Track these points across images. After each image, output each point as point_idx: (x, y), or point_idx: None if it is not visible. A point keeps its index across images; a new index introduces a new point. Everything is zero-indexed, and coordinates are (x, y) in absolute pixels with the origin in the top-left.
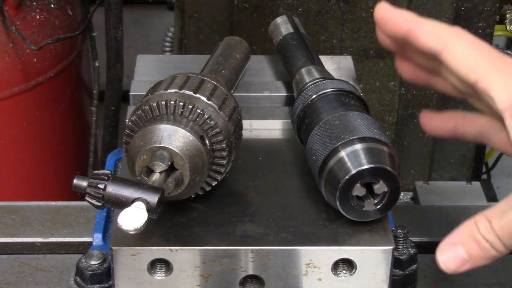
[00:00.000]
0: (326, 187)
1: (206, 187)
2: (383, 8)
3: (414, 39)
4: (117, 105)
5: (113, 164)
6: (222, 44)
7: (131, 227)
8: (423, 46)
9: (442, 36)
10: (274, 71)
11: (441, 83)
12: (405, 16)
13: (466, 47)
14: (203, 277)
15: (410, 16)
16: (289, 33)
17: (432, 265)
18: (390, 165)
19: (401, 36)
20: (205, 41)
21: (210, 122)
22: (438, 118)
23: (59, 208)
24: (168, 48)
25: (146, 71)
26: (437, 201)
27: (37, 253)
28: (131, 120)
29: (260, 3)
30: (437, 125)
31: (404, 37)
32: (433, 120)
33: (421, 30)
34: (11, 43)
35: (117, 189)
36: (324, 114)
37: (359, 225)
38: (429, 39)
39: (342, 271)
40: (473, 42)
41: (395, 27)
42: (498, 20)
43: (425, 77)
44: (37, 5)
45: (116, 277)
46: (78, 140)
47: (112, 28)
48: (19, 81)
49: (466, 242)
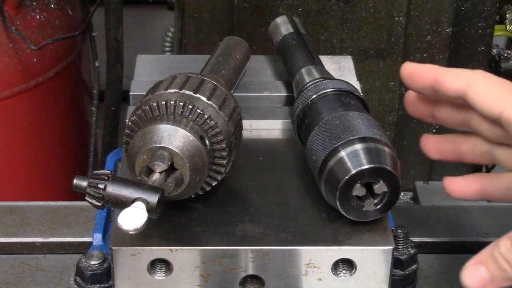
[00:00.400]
0: (326, 187)
1: (206, 187)
2: (409, 65)
3: (441, 85)
4: (117, 105)
5: (113, 164)
6: (222, 44)
7: (131, 227)
8: (450, 89)
9: (466, 77)
10: (274, 71)
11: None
12: (429, 67)
13: (489, 83)
14: (203, 277)
15: (434, 66)
16: (289, 33)
17: (432, 265)
18: (390, 165)
19: (428, 85)
20: (205, 41)
21: (210, 122)
22: (463, 181)
23: (59, 208)
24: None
25: (146, 71)
26: (437, 201)
27: (37, 253)
28: (131, 120)
29: (260, 3)
30: (463, 188)
31: (431, 86)
32: (458, 185)
33: (446, 75)
34: (11, 43)
35: (117, 189)
36: (324, 114)
37: (359, 225)
38: (454, 82)
39: (342, 271)
40: (495, 79)
41: (422, 78)
42: (498, 20)
43: (451, 150)
44: (37, 5)
45: (116, 277)
46: (78, 140)
47: (112, 28)
48: (19, 81)
49: (488, 262)
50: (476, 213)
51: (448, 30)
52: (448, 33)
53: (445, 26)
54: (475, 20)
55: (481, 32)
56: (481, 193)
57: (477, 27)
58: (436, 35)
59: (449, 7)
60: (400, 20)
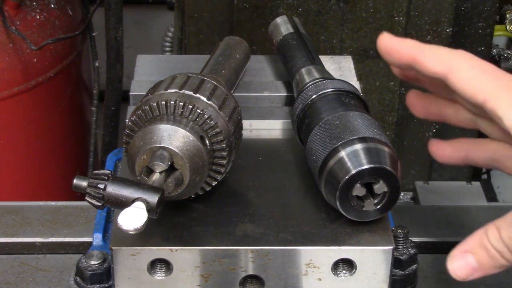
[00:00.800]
0: (326, 187)
1: (206, 187)
2: (385, 38)
3: (419, 66)
4: (117, 105)
5: (113, 164)
6: (222, 44)
7: (131, 227)
8: (429, 72)
9: (446, 60)
10: (274, 71)
11: (453, 115)
12: (408, 43)
13: (472, 69)
14: (203, 277)
15: (413, 43)
16: (289, 33)
17: (432, 265)
18: (390, 165)
19: (406, 64)
20: (205, 41)
21: (210, 122)
22: (448, 146)
23: (59, 208)
24: (168, 48)
25: (146, 71)
26: (437, 201)
27: (37, 253)
28: (131, 120)
29: (260, 3)
30: (448, 153)
31: (409, 64)
32: (443, 150)
33: (425, 56)
34: (11, 43)
35: (117, 189)
36: (324, 114)
37: (359, 225)
38: (434, 64)
39: (342, 271)
40: (478, 63)
41: (399, 55)
42: (498, 20)
43: (436, 112)
44: (37, 5)
45: (116, 277)
46: (78, 140)
47: (112, 28)
48: (19, 81)
49: (476, 250)
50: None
51: (448, 30)
52: (448, 33)
53: (445, 26)
54: (475, 20)
55: (481, 32)
56: (466, 159)
57: (477, 27)
58: (436, 35)
59: (449, 7)
60: (400, 20)
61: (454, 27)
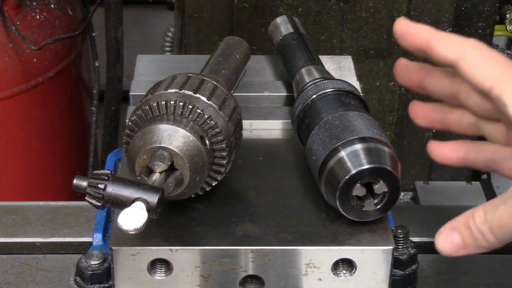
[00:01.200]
0: (326, 187)
1: (206, 187)
2: (402, 22)
3: (432, 51)
4: (117, 105)
5: (113, 164)
6: (222, 44)
7: (131, 227)
8: (441, 57)
9: (458, 47)
10: (274, 71)
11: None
12: (423, 29)
13: (481, 56)
14: (203, 277)
15: (428, 29)
16: (289, 33)
17: (432, 265)
18: (390, 165)
19: (419, 47)
20: (205, 41)
21: (210, 122)
22: (447, 147)
23: (59, 208)
24: (168, 48)
25: (146, 71)
26: (437, 201)
27: (37, 253)
28: (131, 120)
29: (260, 3)
30: (446, 153)
31: (422, 49)
32: (442, 150)
33: (439, 41)
34: (11, 43)
35: (117, 189)
36: (324, 114)
37: (359, 225)
38: (446, 50)
39: (342, 271)
40: (487, 51)
41: (414, 40)
42: (498, 20)
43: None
44: (37, 5)
45: (116, 277)
46: (78, 140)
47: (112, 28)
48: (19, 81)
49: (462, 229)
50: None
51: (448, 30)
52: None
53: (445, 26)
54: (475, 20)
55: (481, 32)
56: (464, 161)
57: (477, 27)
58: None
59: (449, 7)
60: None
61: (454, 27)
